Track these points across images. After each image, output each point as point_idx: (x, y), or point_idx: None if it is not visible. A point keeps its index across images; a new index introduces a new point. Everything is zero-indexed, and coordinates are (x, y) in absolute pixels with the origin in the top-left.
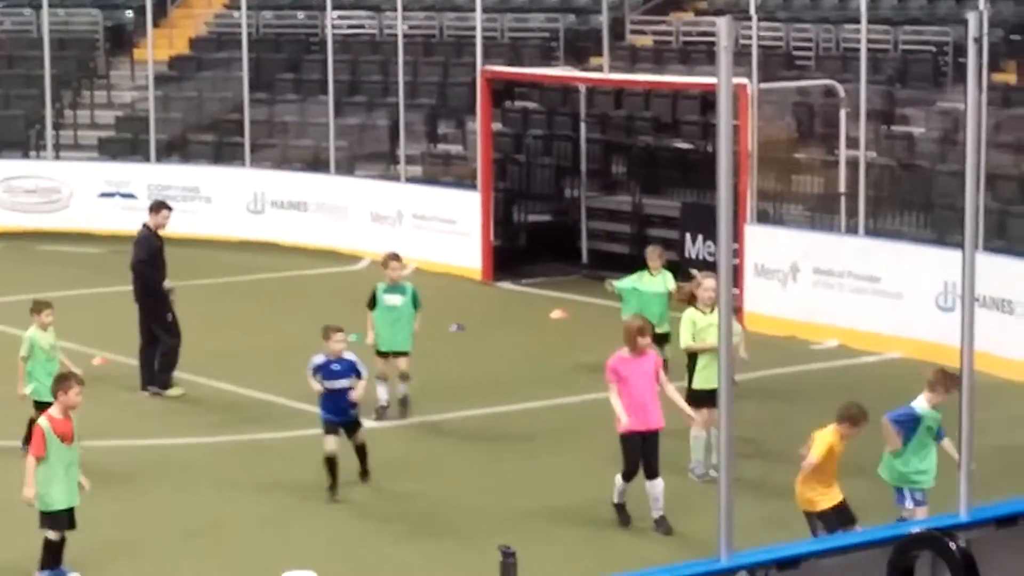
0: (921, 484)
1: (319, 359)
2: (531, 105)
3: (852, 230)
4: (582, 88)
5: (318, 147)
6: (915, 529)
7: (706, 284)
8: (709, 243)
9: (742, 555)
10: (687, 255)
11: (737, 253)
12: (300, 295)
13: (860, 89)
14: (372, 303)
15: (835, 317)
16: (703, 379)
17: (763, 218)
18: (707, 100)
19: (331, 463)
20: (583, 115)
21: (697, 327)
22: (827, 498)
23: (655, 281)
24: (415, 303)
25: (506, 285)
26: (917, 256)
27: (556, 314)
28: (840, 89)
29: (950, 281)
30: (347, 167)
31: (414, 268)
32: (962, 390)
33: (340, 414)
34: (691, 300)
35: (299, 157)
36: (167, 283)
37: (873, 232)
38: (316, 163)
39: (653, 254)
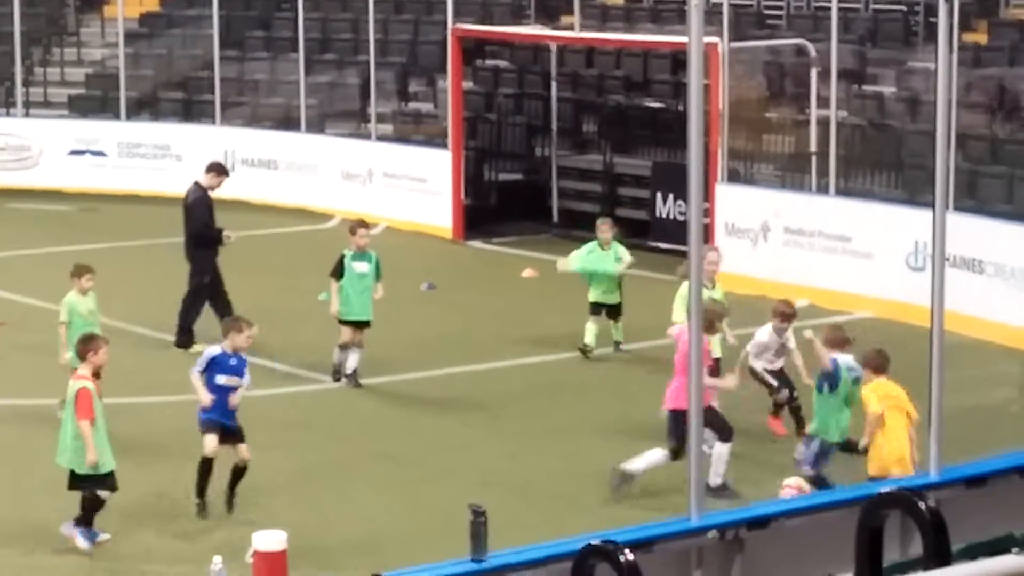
0: (838, 437)
1: (215, 350)
2: (502, 64)
3: (823, 190)
4: (553, 47)
5: (289, 105)
6: (884, 489)
7: (709, 257)
8: (680, 202)
9: (712, 515)
10: (658, 214)
11: (708, 213)
12: (270, 253)
13: (831, 48)
14: (339, 272)
15: (806, 276)
16: None
17: (734, 177)
18: (678, 59)
19: (207, 466)
20: (554, 74)
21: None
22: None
23: (605, 257)
24: (377, 272)
25: (477, 244)
26: (887, 216)
27: (527, 273)
28: (811, 48)
29: (920, 240)
30: (318, 125)
31: (384, 227)
32: (932, 349)
33: (226, 415)
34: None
35: (269, 115)
36: (228, 234)
37: (844, 192)
38: (287, 121)
39: (603, 226)
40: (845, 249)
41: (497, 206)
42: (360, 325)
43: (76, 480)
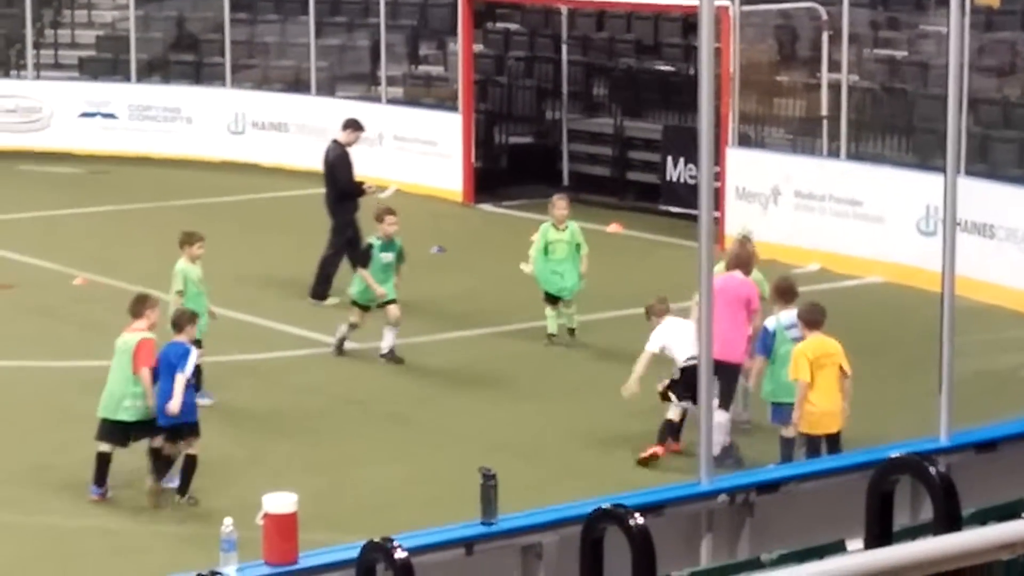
0: (784, 398)
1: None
2: (513, 27)
3: (834, 154)
4: (564, 10)
5: (299, 68)
6: (895, 454)
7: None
8: (691, 166)
9: (722, 479)
10: (668, 178)
11: (718, 177)
12: (280, 216)
13: (843, 12)
14: (367, 260)
15: (816, 241)
16: None
17: (744, 141)
18: (689, 22)
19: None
20: (565, 37)
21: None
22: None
23: (559, 241)
24: (400, 257)
25: (487, 207)
26: (899, 180)
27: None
28: (823, 12)
29: (932, 205)
30: (328, 88)
31: (396, 189)
32: (943, 315)
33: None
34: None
35: (280, 78)
36: (369, 186)
37: (855, 156)
38: (297, 84)
39: (560, 203)
40: (856, 213)
41: (507, 169)
42: (384, 304)
43: (134, 430)
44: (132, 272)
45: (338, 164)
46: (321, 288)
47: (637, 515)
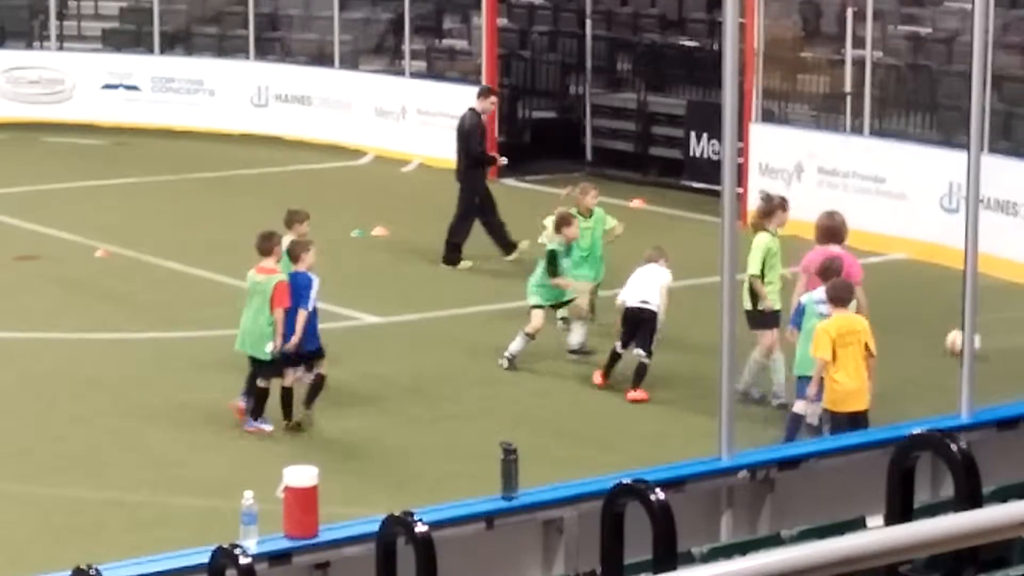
0: (805, 371)
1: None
2: (537, 1)
3: (857, 130)
4: None
5: (323, 41)
6: (916, 430)
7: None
8: (714, 142)
9: (743, 455)
10: (691, 154)
11: (741, 152)
12: (303, 189)
13: None
14: (555, 269)
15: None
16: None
17: (768, 117)
18: None
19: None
20: (589, 11)
21: (771, 252)
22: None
23: (585, 229)
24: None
25: (510, 182)
26: (922, 157)
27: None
28: None
29: (955, 182)
30: (351, 61)
31: (418, 164)
32: (965, 292)
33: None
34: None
35: (303, 51)
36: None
37: (878, 132)
38: (320, 57)
39: (591, 191)
40: (879, 190)
41: (531, 144)
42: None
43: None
44: (154, 244)
45: (472, 132)
46: (452, 255)
47: (658, 490)
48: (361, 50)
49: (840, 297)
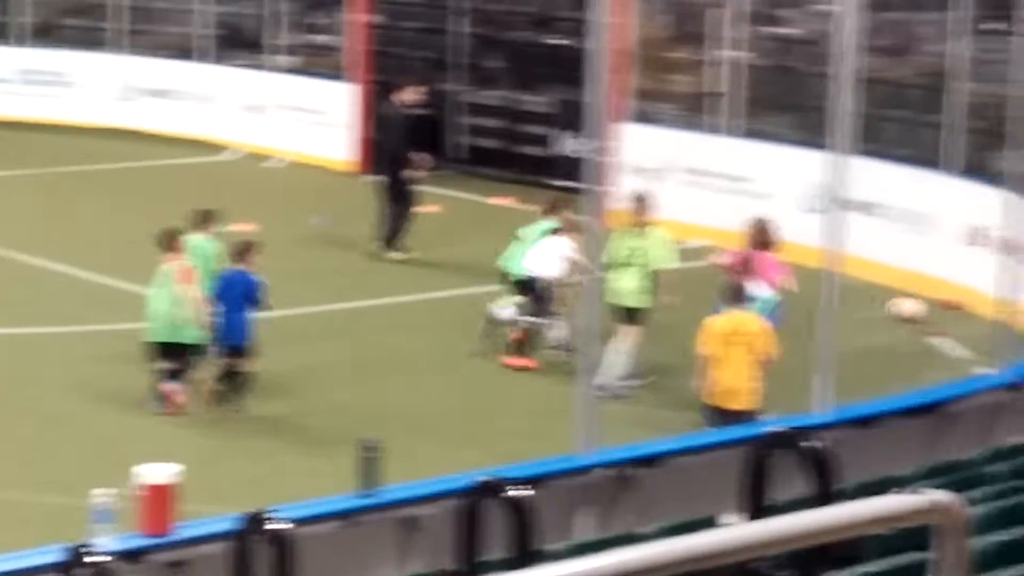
0: None
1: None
2: None
3: (725, 130)
4: None
5: (188, 34)
6: (771, 428)
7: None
8: (582, 140)
9: (601, 453)
10: (560, 152)
11: (610, 151)
12: (167, 184)
13: None
14: None
15: (707, 216)
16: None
17: (637, 116)
18: None
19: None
20: (459, 8)
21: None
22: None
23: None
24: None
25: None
26: (788, 157)
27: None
28: None
29: (820, 183)
30: (216, 55)
31: (284, 159)
32: (823, 291)
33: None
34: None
35: (168, 44)
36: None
37: (746, 133)
38: (185, 51)
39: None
40: (745, 190)
41: None
42: None
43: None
44: (13, 239)
45: (391, 126)
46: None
47: (516, 487)
48: (227, 44)
49: (737, 297)
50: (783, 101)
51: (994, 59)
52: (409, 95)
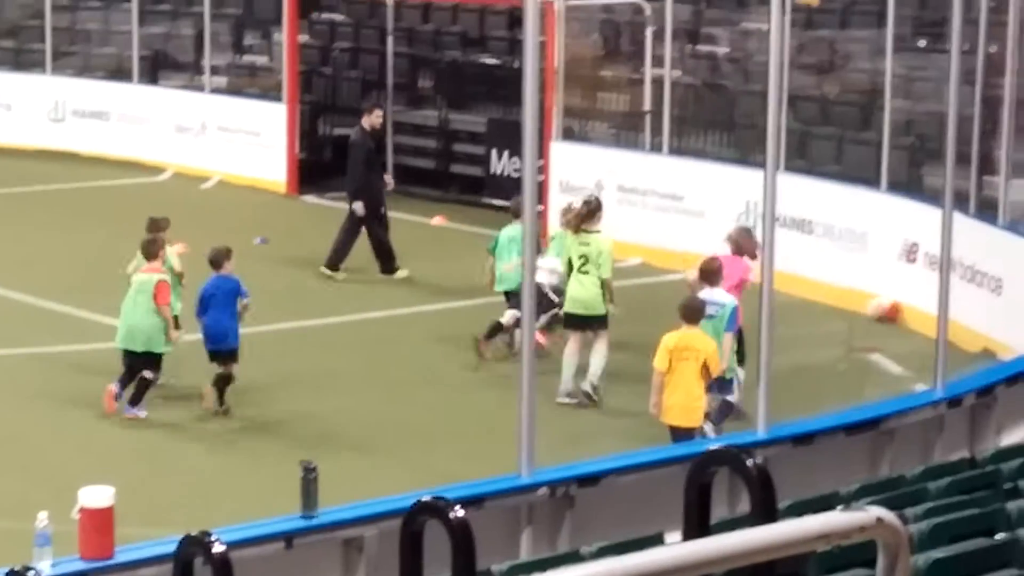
0: None
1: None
2: (338, 17)
3: (656, 148)
4: (389, 1)
5: (121, 56)
6: (713, 446)
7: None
8: (515, 159)
9: (543, 472)
10: (492, 171)
11: (542, 170)
12: (101, 206)
13: (666, 7)
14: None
15: (638, 235)
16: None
17: (568, 135)
18: (515, 16)
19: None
20: (390, 29)
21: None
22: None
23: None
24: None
25: (311, 199)
26: (720, 175)
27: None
28: (647, 7)
29: (752, 200)
30: (150, 77)
31: (218, 180)
32: (762, 309)
33: None
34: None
35: (102, 65)
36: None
37: (677, 151)
38: (119, 72)
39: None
40: (677, 208)
41: (331, 160)
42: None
43: (139, 360)
44: None
45: (357, 150)
46: (387, 265)
47: (457, 508)
48: (160, 65)
49: (688, 315)
50: (713, 119)
51: (923, 76)
52: (376, 119)
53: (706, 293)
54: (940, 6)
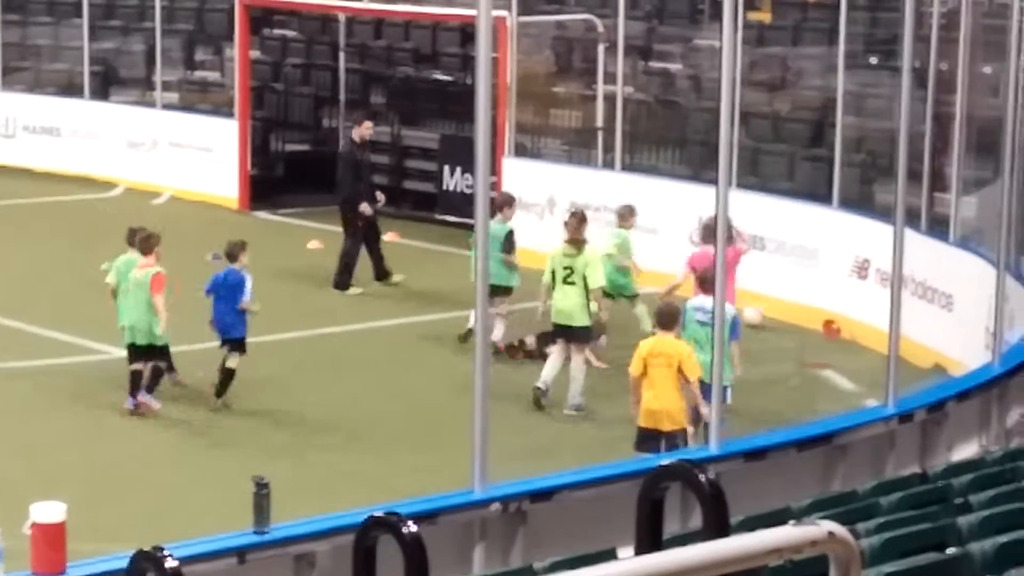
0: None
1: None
2: (290, 33)
3: (609, 165)
4: (341, 17)
5: (72, 71)
6: (665, 461)
7: None
8: (467, 175)
9: (496, 487)
10: (445, 187)
11: (495, 186)
12: (52, 222)
13: (618, 24)
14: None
15: (591, 251)
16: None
17: (521, 151)
18: (467, 32)
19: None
20: (342, 45)
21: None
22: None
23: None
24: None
25: (263, 215)
26: (672, 191)
27: (313, 244)
28: (599, 24)
29: (704, 216)
30: (102, 92)
31: (169, 196)
32: (714, 327)
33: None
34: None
35: (52, 81)
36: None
37: (629, 167)
38: (70, 88)
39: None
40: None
41: (284, 177)
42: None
43: (142, 353)
44: None
45: (346, 163)
46: (343, 279)
47: (410, 523)
48: (112, 81)
49: (663, 322)
50: (665, 135)
51: (874, 94)
52: (366, 130)
53: (700, 300)
54: (891, 24)
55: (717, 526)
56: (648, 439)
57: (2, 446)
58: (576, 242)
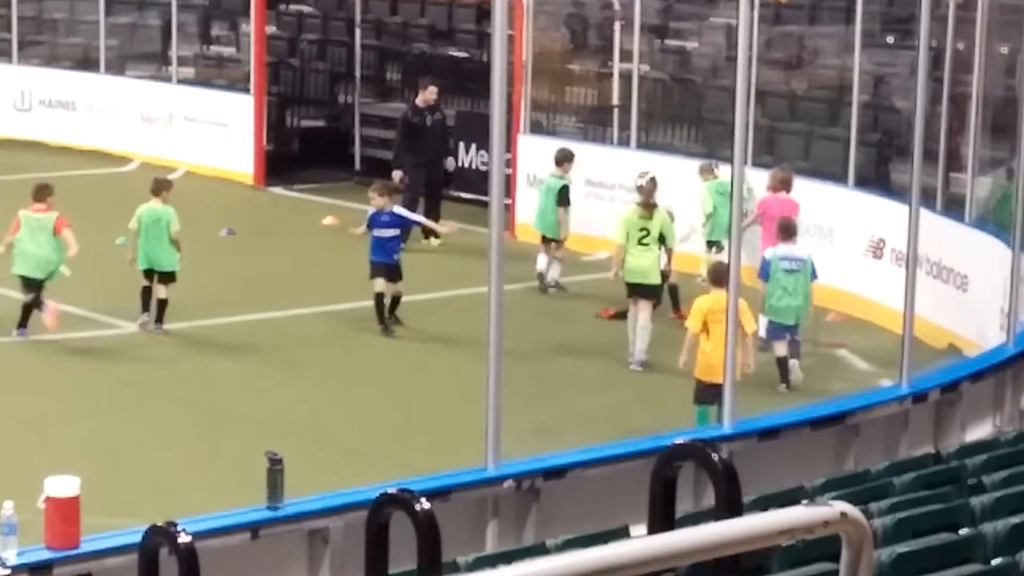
0: (778, 319)
1: (370, 211)
2: (306, 9)
3: (624, 142)
4: None
5: (88, 45)
6: (678, 440)
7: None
8: (482, 152)
9: (509, 464)
10: (460, 164)
11: (510, 163)
12: (68, 196)
13: (634, 2)
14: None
15: (606, 229)
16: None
17: (536, 129)
18: (483, 9)
19: (378, 300)
20: (358, 20)
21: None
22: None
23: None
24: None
25: (278, 190)
26: (687, 170)
27: (328, 220)
28: (615, 1)
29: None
30: (117, 67)
31: (184, 171)
32: (728, 308)
33: (387, 257)
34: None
35: (68, 55)
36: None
37: (644, 145)
38: (86, 62)
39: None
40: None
41: (299, 152)
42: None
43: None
44: None
45: (402, 125)
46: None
47: (423, 500)
48: (128, 55)
49: (718, 278)
50: (681, 114)
51: (891, 73)
52: (430, 94)
53: (784, 249)
54: (908, 3)
55: (729, 505)
56: (706, 391)
57: (14, 419)
58: (649, 205)
